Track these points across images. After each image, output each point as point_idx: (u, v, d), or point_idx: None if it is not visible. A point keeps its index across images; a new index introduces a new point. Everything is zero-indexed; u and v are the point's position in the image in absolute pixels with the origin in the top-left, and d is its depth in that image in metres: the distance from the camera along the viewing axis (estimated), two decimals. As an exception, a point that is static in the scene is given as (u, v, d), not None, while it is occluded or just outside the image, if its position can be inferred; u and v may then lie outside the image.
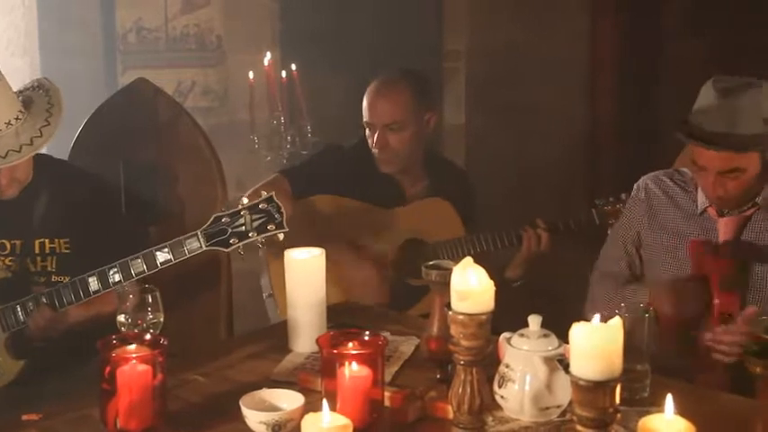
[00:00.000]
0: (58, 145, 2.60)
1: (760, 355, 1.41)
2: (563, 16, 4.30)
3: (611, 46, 4.33)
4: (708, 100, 2.29)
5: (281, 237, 2.11)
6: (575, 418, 1.38)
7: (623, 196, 2.72)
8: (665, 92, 4.24)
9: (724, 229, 2.37)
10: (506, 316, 1.82)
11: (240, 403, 1.68)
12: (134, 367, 1.66)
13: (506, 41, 4.23)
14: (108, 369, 1.66)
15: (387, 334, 2.12)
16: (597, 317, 1.39)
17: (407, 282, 2.84)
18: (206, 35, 3.70)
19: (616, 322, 1.37)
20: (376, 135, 2.85)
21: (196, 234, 2.14)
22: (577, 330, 1.36)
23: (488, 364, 1.73)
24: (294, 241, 2.19)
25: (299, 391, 1.75)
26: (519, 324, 1.78)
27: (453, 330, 1.62)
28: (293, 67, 3.47)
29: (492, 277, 1.62)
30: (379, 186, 2.91)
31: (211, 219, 2.14)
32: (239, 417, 1.67)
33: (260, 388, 1.75)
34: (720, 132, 2.24)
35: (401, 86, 2.87)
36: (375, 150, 2.87)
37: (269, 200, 2.11)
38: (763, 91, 2.27)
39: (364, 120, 2.89)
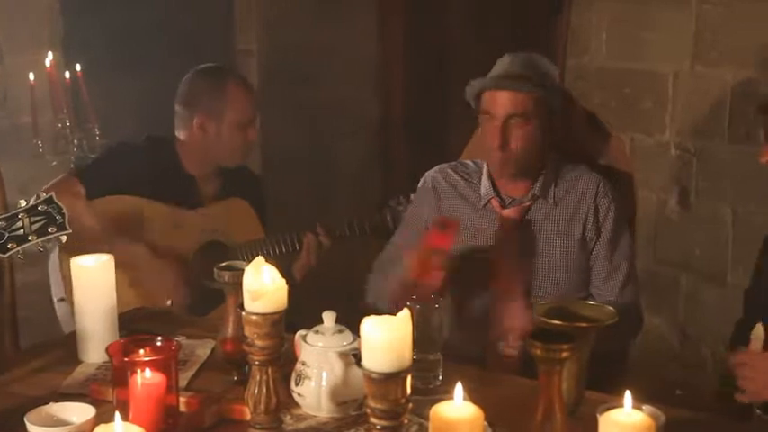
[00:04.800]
0: None
1: (539, 337, 1.48)
2: (354, 15, 4.35)
3: (399, 45, 4.42)
4: (498, 64, 2.44)
5: (64, 239, 2.02)
6: (368, 410, 1.40)
7: (413, 197, 2.77)
8: (454, 91, 4.38)
9: (506, 219, 2.45)
10: (304, 313, 1.84)
11: (25, 419, 1.60)
12: None
13: (299, 40, 4.24)
14: None
15: (182, 338, 2.10)
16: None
17: (206, 284, 2.79)
18: (-21, 34, 3.49)
19: (404, 314, 1.39)
20: (252, 129, 2.87)
21: None
22: (367, 324, 1.38)
23: (286, 363, 1.74)
24: (90, 241, 2.12)
25: (90, 402, 1.68)
26: (317, 321, 1.80)
27: (247, 331, 1.62)
28: (78, 67, 3.34)
29: (285, 276, 1.63)
30: (174, 186, 2.85)
31: None
32: (26, 434, 1.60)
33: (48, 402, 1.67)
34: (511, 74, 2.39)
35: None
36: (245, 144, 2.87)
37: (48, 200, 2.01)
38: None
39: (241, 117, 2.83)
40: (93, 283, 2.03)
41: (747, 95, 3.25)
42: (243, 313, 1.61)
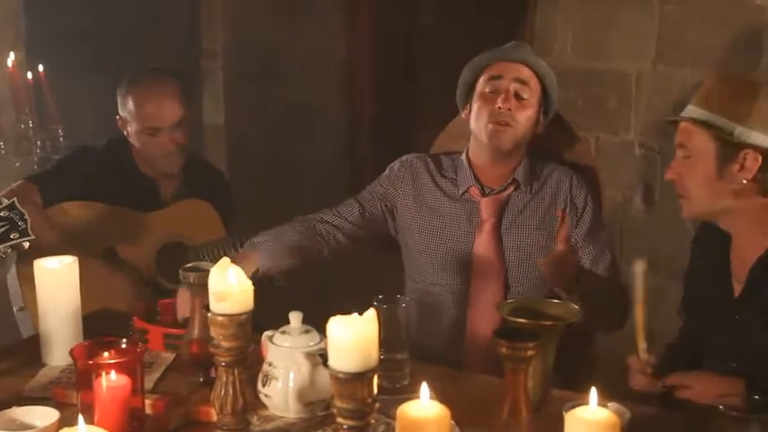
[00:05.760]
0: None
1: (505, 336, 1.48)
2: (322, 14, 4.35)
3: (367, 44, 4.43)
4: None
5: (27, 245, 2.00)
6: (335, 410, 1.40)
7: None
8: (422, 90, 4.38)
9: (486, 208, 2.45)
10: (271, 313, 1.83)
11: (-12, 424, 1.59)
12: None
13: (266, 40, 4.23)
14: None
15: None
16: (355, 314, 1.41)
17: (167, 286, 2.77)
18: (-62, 34, 3.44)
19: (371, 314, 1.39)
20: (162, 136, 2.79)
21: None
22: (333, 324, 1.38)
23: (252, 364, 1.73)
24: (47, 252, 2.10)
25: (54, 406, 1.67)
26: (285, 321, 1.79)
27: (213, 332, 1.61)
28: (40, 68, 3.30)
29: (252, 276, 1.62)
30: (134, 189, 2.84)
31: None
32: (-12, 439, 1.58)
33: (11, 406, 1.66)
34: (522, 52, 2.47)
35: (173, 83, 2.83)
36: (161, 151, 2.81)
37: (11, 206, 1.99)
38: None
39: (144, 125, 2.79)
40: (57, 285, 2.02)
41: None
42: (208, 314, 1.60)
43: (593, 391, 1.37)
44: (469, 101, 2.48)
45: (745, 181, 1.99)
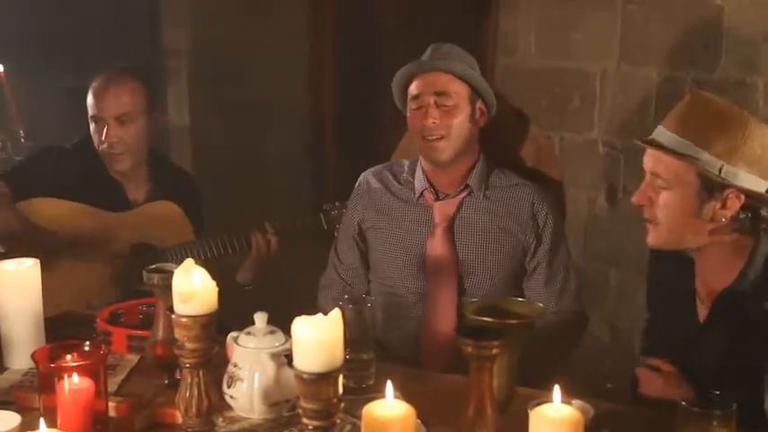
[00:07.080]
0: None
1: (470, 334, 1.49)
2: (284, 12, 4.33)
3: (331, 43, 4.42)
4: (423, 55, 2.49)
5: None
6: (300, 410, 1.40)
7: (348, 203, 2.78)
8: (386, 89, 4.38)
9: (439, 212, 2.48)
10: (236, 314, 1.83)
11: (-52, 430, 1.56)
12: None
13: (229, 39, 4.21)
14: None
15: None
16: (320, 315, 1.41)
17: (137, 288, 2.76)
18: None
19: (335, 314, 1.39)
20: (106, 129, 2.77)
21: None
22: (298, 324, 1.38)
23: (218, 365, 1.73)
24: (14, 248, 2.09)
25: (16, 410, 1.65)
26: (250, 322, 1.79)
27: (177, 333, 1.60)
28: (0, 68, 3.27)
29: (218, 279, 1.61)
30: (101, 190, 2.82)
31: None
32: (-52, 445, 1.56)
33: (-28, 411, 1.64)
34: (435, 60, 2.44)
35: (127, 78, 2.83)
36: (104, 146, 2.79)
37: None
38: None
39: (90, 114, 2.80)
40: (18, 287, 2.00)
41: (672, 93, 3.31)
42: (173, 316, 1.59)
43: (557, 389, 1.38)
44: None
45: (723, 219, 1.88)
